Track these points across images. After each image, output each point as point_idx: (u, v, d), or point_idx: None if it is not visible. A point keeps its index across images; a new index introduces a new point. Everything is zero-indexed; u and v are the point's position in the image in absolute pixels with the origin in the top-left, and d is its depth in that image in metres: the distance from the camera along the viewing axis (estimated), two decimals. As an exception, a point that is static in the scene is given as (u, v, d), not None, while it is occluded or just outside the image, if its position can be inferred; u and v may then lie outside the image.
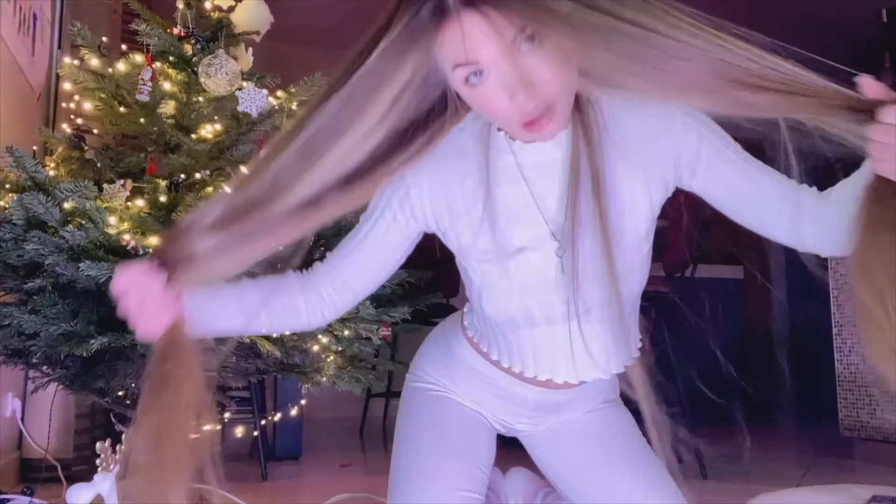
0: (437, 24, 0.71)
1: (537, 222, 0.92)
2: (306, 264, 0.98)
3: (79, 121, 2.02)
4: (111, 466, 1.50)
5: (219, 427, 3.32)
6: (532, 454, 1.14)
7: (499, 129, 0.91)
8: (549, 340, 0.96)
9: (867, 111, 0.65)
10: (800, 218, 0.86)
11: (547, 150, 0.89)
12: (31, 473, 2.52)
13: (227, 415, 3.03)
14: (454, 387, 1.09)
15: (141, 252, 1.56)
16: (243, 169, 1.85)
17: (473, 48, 0.72)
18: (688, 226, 2.52)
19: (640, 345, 1.03)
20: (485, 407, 1.09)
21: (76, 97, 2.00)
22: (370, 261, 0.97)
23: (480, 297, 0.98)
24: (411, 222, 0.95)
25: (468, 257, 0.97)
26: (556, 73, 0.75)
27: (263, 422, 3.06)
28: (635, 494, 1.00)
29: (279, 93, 2.00)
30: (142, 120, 1.88)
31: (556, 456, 1.10)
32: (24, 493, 1.98)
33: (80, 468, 2.58)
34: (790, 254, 0.90)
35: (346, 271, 0.96)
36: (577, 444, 1.08)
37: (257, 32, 2.02)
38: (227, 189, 0.98)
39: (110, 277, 1.54)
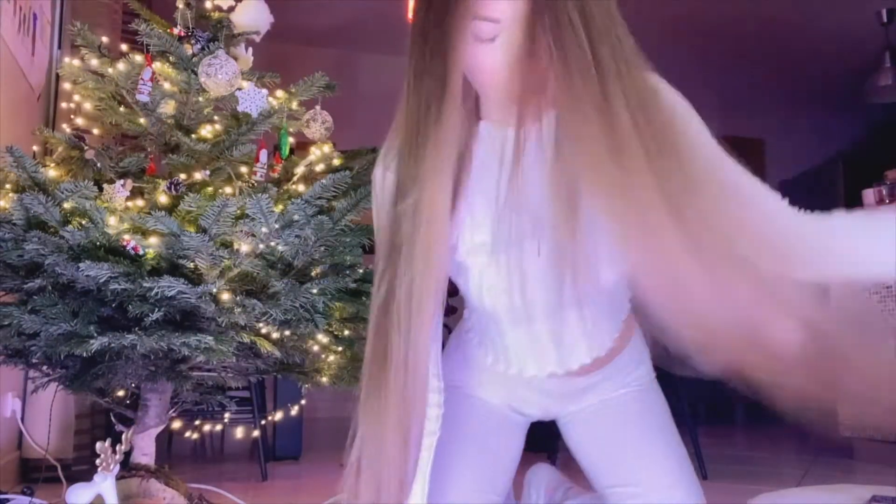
0: None
1: (520, 212, 0.90)
2: None
3: (79, 121, 2.02)
4: (111, 466, 1.50)
5: (219, 427, 3.33)
6: (566, 434, 1.13)
7: (479, 119, 0.91)
8: (539, 333, 0.99)
9: None
10: None
11: (532, 134, 0.86)
12: (31, 473, 2.52)
13: (227, 415, 3.03)
14: (479, 385, 1.08)
15: (141, 252, 1.55)
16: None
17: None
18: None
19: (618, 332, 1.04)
20: (514, 399, 1.08)
21: (76, 97, 2.00)
22: None
23: (481, 293, 0.98)
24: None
25: (468, 255, 0.96)
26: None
27: (263, 422, 3.06)
28: (659, 485, 1.01)
29: (279, 93, 2.00)
30: (142, 120, 1.87)
31: (591, 435, 1.10)
32: (24, 493, 1.98)
33: (80, 468, 2.58)
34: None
35: None
36: (612, 425, 1.08)
37: (257, 32, 2.02)
38: None
39: (110, 277, 1.55)
